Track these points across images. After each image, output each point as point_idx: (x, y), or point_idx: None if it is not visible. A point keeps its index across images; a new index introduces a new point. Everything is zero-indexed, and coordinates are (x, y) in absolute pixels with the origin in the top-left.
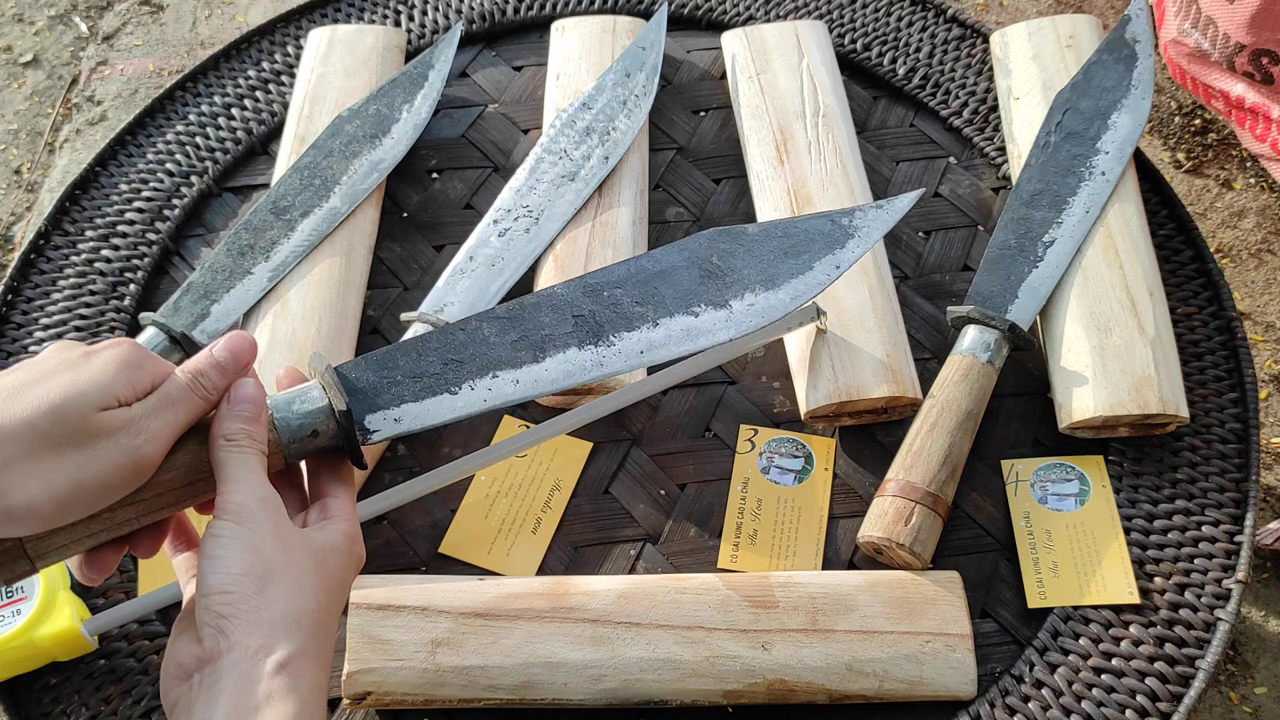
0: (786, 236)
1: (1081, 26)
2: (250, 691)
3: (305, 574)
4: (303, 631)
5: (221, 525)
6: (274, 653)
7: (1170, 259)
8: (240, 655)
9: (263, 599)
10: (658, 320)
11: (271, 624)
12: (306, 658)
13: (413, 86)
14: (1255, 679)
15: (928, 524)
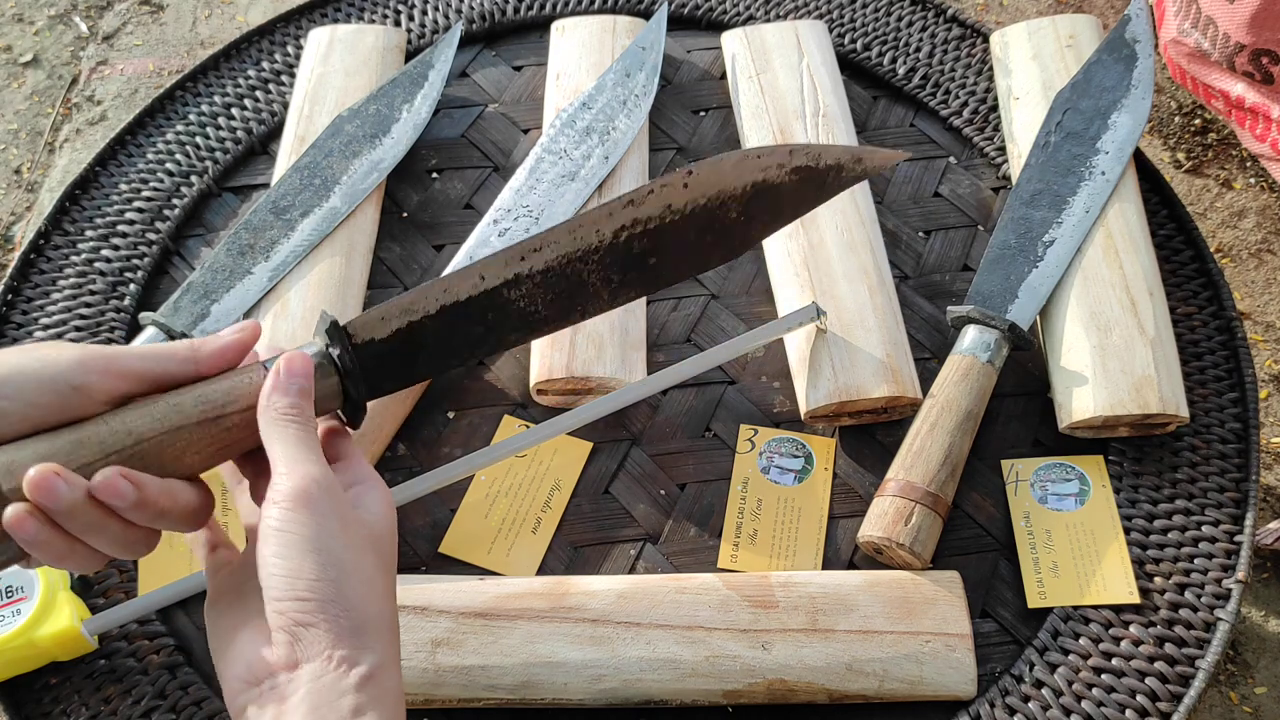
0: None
1: (1081, 26)
2: (336, 705)
3: (375, 572)
4: (383, 640)
5: (284, 516)
6: (359, 665)
7: (1170, 259)
8: (322, 667)
9: (340, 607)
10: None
11: (353, 633)
12: (388, 666)
13: (413, 86)
14: (1255, 679)
15: (928, 524)
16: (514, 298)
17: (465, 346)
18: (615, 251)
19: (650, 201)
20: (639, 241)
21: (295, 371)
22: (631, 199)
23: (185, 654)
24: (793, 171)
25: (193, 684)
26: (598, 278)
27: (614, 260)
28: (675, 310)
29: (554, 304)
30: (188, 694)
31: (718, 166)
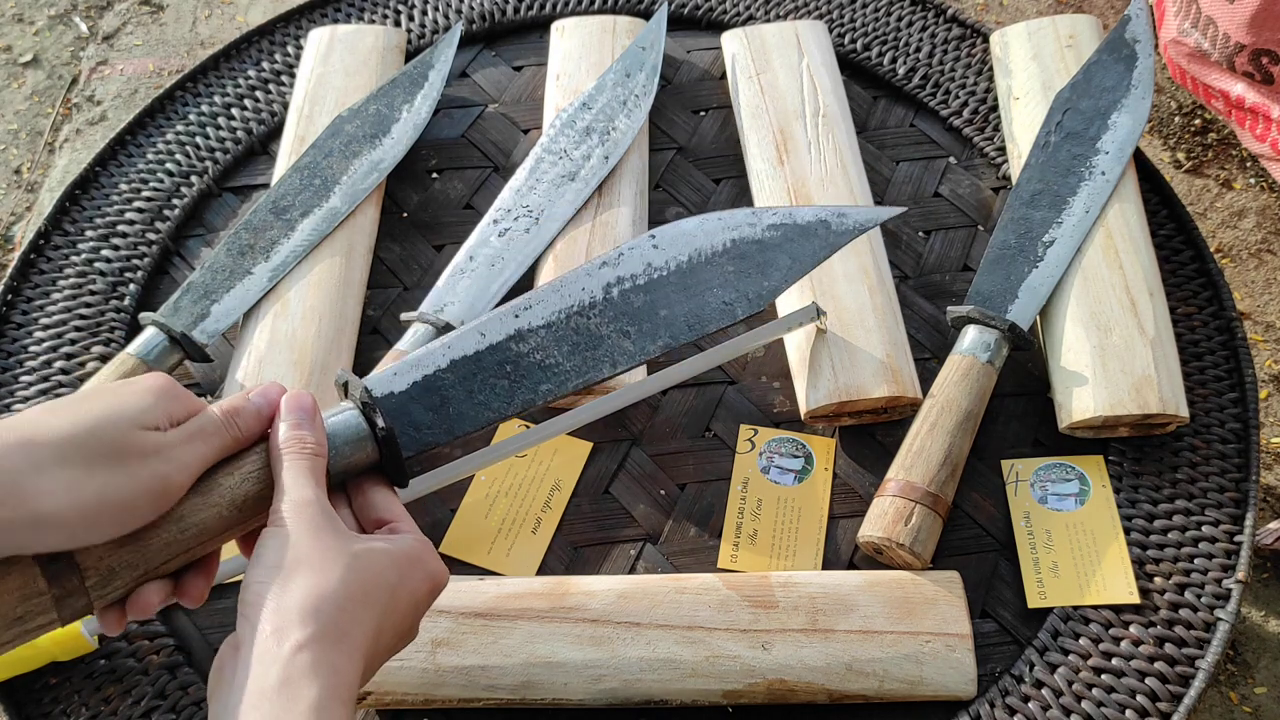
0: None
1: (1081, 26)
2: (267, 672)
3: (333, 564)
4: (320, 617)
5: (265, 532)
6: (290, 635)
7: (1170, 259)
8: (258, 642)
9: (284, 586)
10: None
11: (287, 608)
12: (326, 642)
13: (413, 86)
14: (1255, 679)
15: (928, 524)
16: (524, 350)
17: (496, 398)
18: (613, 305)
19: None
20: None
21: (293, 406)
22: (605, 260)
23: (185, 654)
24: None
25: (193, 684)
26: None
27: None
28: None
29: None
30: (188, 694)
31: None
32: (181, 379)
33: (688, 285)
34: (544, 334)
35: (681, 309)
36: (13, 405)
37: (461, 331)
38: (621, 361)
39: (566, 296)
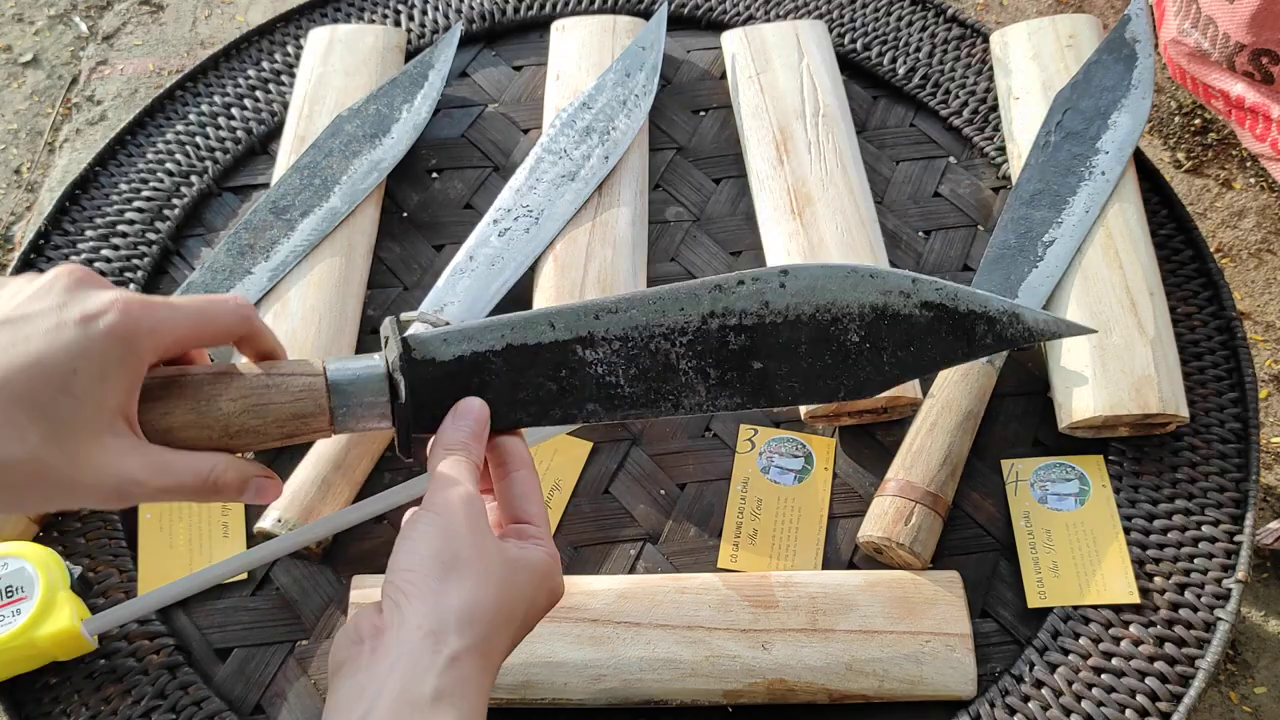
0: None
1: (1081, 26)
2: (422, 679)
3: (490, 575)
4: (475, 629)
5: (421, 514)
6: (445, 642)
7: (1170, 259)
8: (411, 635)
9: (443, 585)
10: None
11: (446, 611)
12: (474, 656)
13: (413, 86)
14: (1255, 679)
15: (928, 524)
16: (590, 360)
17: (537, 402)
18: (706, 340)
19: (741, 292)
20: (734, 336)
21: (462, 415)
22: (719, 284)
23: (185, 654)
24: (924, 306)
25: (193, 684)
26: (690, 366)
27: (707, 350)
28: None
29: (638, 382)
30: (188, 694)
31: (816, 273)
32: None
33: (799, 342)
34: (617, 346)
35: (778, 368)
36: None
37: (529, 315)
38: (684, 406)
39: (658, 312)
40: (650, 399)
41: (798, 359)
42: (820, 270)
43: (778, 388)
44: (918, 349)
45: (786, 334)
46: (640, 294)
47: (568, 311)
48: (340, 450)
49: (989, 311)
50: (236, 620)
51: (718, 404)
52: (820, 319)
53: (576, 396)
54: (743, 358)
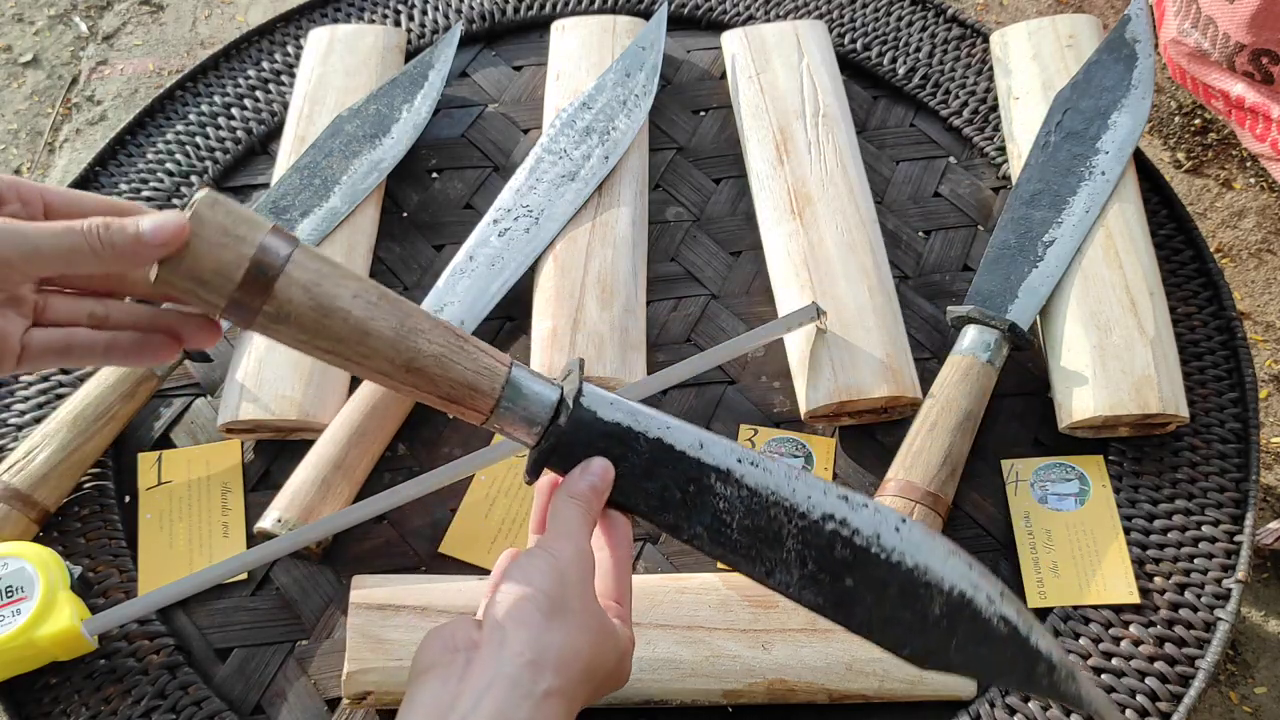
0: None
1: (1081, 26)
2: (519, 705)
3: (588, 631)
4: (569, 674)
5: (540, 552)
6: (543, 675)
7: (1170, 259)
8: (512, 659)
9: (549, 623)
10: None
11: (548, 647)
12: (563, 700)
13: (413, 86)
14: (1255, 679)
15: (928, 524)
16: (719, 492)
17: (659, 499)
18: (818, 535)
19: (864, 514)
20: (841, 547)
21: (591, 471)
22: (848, 496)
23: (185, 654)
24: (1002, 620)
25: (193, 684)
26: (794, 548)
27: (814, 544)
28: (675, 310)
29: (747, 534)
30: (188, 694)
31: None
32: (181, 379)
33: (891, 586)
34: (745, 494)
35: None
36: (13, 405)
37: (687, 427)
38: (775, 578)
39: (790, 488)
40: (749, 554)
41: (884, 599)
42: (929, 536)
43: (857, 610)
44: (985, 653)
45: (884, 573)
46: (783, 465)
47: (719, 443)
48: (340, 450)
49: (1052, 657)
50: (236, 620)
51: (803, 596)
52: (916, 577)
53: (692, 514)
54: (840, 569)
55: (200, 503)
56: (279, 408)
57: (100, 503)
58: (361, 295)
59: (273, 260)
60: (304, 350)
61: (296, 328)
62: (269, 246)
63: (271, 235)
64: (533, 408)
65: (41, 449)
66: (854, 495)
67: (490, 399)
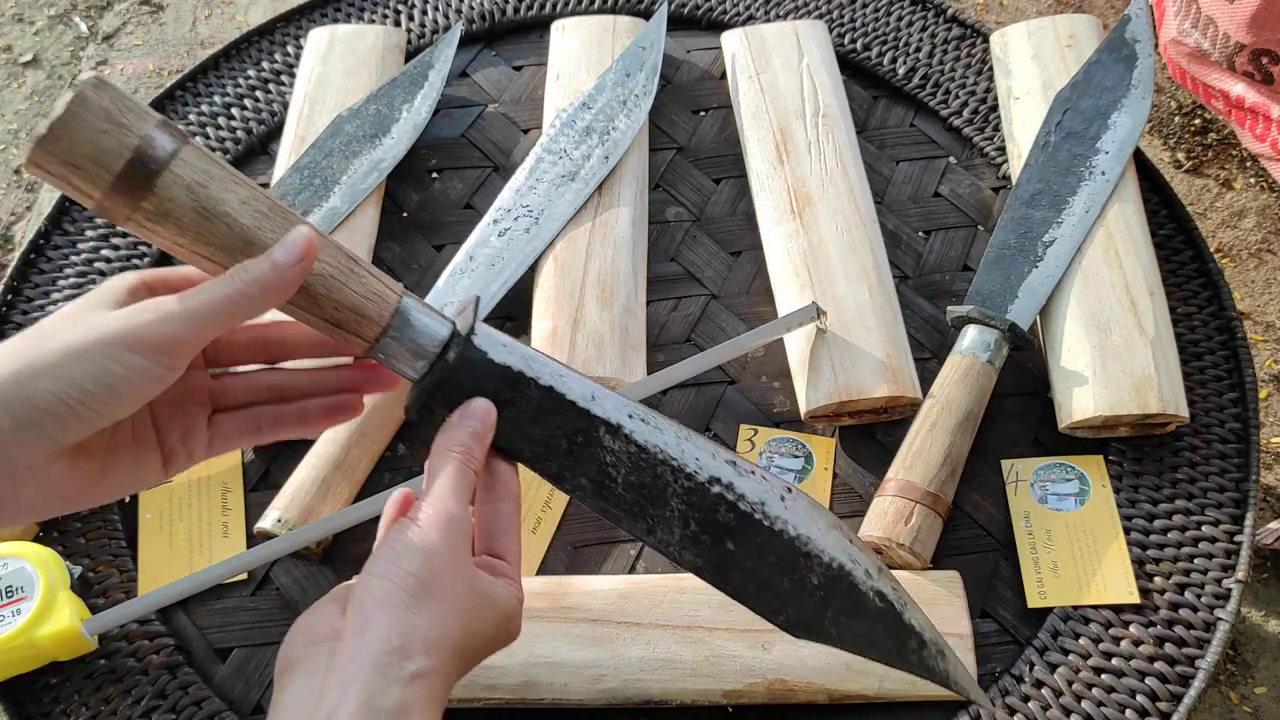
0: None
1: (1081, 26)
2: (385, 690)
3: (461, 607)
4: (438, 655)
5: (408, 526)
6: (411, 659)
7: (1170, 259)
8: (376, 645)
9: (417, 604)
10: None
11: (414, 630)
12: (438, 679)
13: (413, 86)
14: (1255, 679)
15: (928, 524)
16: (606, 445)
17: (544, 447)
18: (703, 497)
19: (751, 481)
20: (725, 511)
21: (471, 414)
22: (736, 462)
23: (185, 654)
24: (877, 594)
25: (193, 684)
26: (678, 507)
27: (698, 506)
28: (675, 310)
29: (631, 490)
30: (188, 694)
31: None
32: None
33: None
34: (633, 450)
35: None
36: None
37: (580, 379)
38: (656, 536)
39: (678, 448)
40: (632, 511)
41: (763, 565)
42: (813, 508)
43: (734, 574)
44: (858, 625)
45: (765, 539)
46: (674, 426)
47: (611, 397)
48: (340, 450)
49: (924, 635)
50: (236, 620)
51: (683, 556)
52: (797, 547)
53: (577, 465)
54: (721, 532)
55: (200, 503)
56: None
57: None
58: (250, 203)
59: (157, 154)
60: (181, 255)
61: (176, 229)
62: (154, 139)
63: (159, 129)
64: (421, 340)
65: None
66: (742, 462)
67: (377, 326)
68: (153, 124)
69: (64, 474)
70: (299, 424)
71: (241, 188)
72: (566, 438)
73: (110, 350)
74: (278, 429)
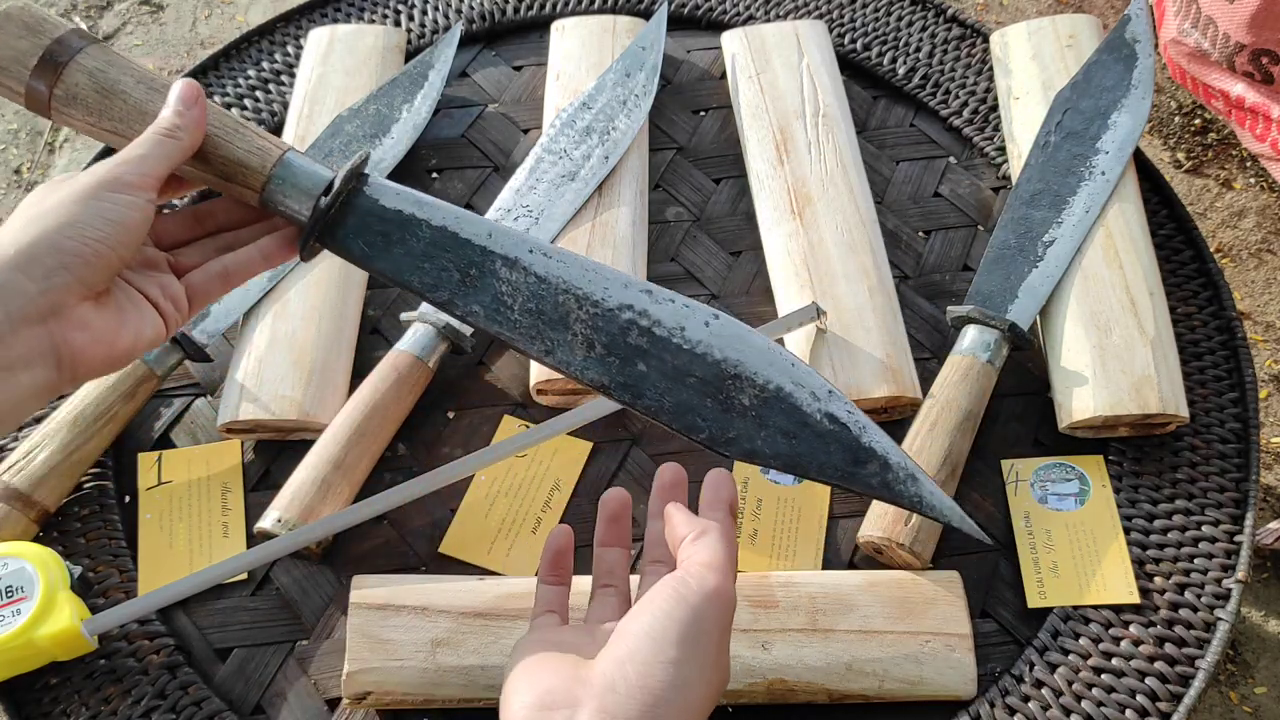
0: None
1: (1081, 26)
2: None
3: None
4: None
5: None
6: None
7: (1170, 259)
8: None
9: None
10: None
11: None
12: None
13: (413, 86)
14: (1255, 679)
15: (928, 524)
16: (502, 277)
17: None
18: (611, 322)
19: (667, 307)
20: (637, 334)
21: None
22: (652, 290)
23: (185, 654)
24: (827, 416)
25: (193, 684)
26: (582, 331)
27: (605, 329)
28: None
29: (528, 316)
30: (188, 694)
31: (747, 337)
32: (181, 379)
33: (691, 374)
34: (532, 281)
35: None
36: None
37: (479, 219)
38: (555, 356)
39: (585, 279)
40: (529, 334)
41: (681, 385)
42: (747, 333)
43: (647, 393)
44: (799, 445)
45: (684, 360)
46: (581, 259)
47: (511, 234)
48: (340, 450)
49: (888, 458)
50: (236, 620)
51: (586, 374)
52: (723, 369)
53: (469, 294)
54: (633, 353)
55: (200, 503)
56: (279, 408)
57: (100, 503)
58: (144, 83)
59: (64, 50)
60: (96, 135)
61: (84, 109)
62: (63, 39)
63: (70, 33)
64: (304, 183)
65: (41, 449)
66: (663, 291)
67: (261, 175)
68: (65, 30)
69: (94, 316)
70: (263, 260)
71: (139, 71)
72: (459, 270)
73: (100, 193)
74: (246, 269)
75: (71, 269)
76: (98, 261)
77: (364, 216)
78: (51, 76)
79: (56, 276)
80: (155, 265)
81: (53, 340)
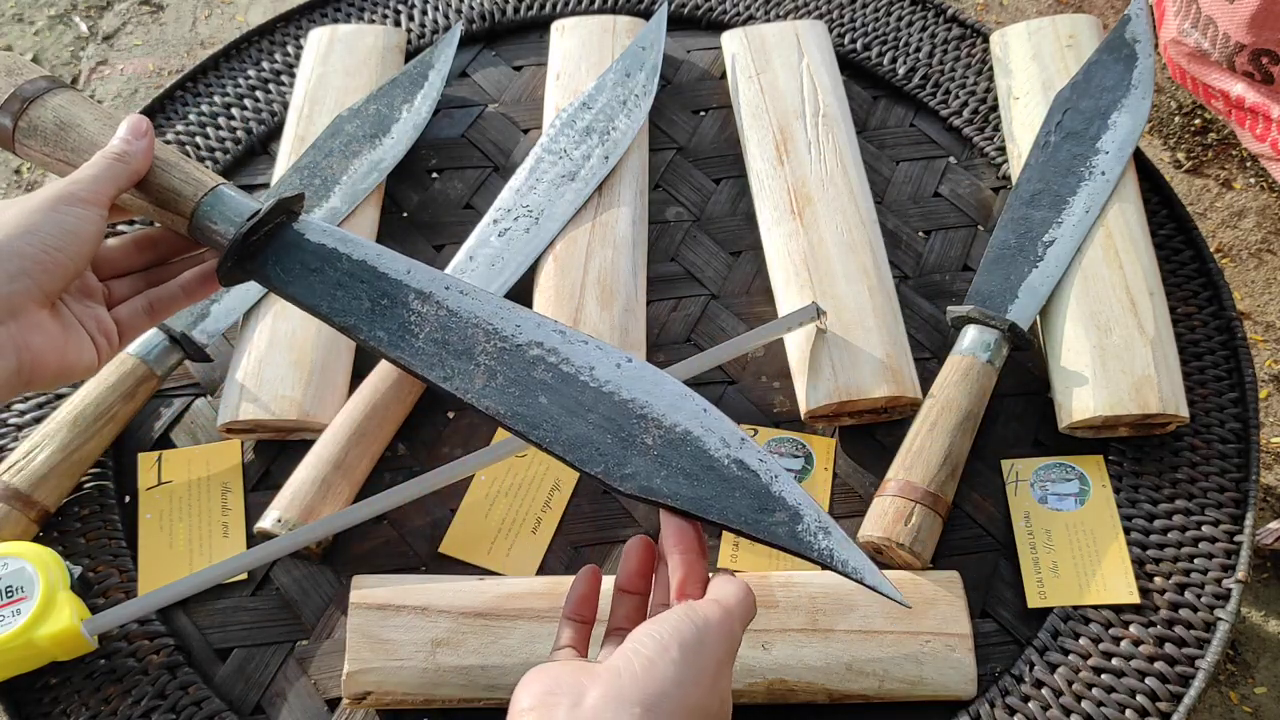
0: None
1: (1081, 26)
2: None
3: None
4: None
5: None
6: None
7: (1170, 259)
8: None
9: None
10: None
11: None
12: None
13: (413, 86)
14: (1255, 679)
15: (928, 524)
16: (413, 309)
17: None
18: (518, 357)
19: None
20: (543, 370)
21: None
22: (565, 331)
23: (185, 654)
24: (737, 463)
25: (193, 684)
26: (486, 360)
27: (511, 362)
28: (675, 310)
29: (432, 345)
30: (188, 694)
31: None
32: (181, 379)
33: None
34: (444, 315)
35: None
36: (13, 405)
37: (399, 257)
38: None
39: (499, 316)
40: (429, 362)
41: (580, 420)
42: (661, 378)
43: (543, 425)
44: (701, 488)
45: (588, 398)
46: (501, 300)
47: (431, 273)
48: (340, 450)
49: (800, 509)
50: (236, 620)
51: (482, 401)
52: (629, 408)
53: (375, 321)
54: (535, 387)
55: (200, 503)
56: (279, 408)
57: (100, 503)
58: (100, 119)
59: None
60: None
61: (41, 140)
62: (34, 82)
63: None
64: (231, 213)
65: (41, 449)
66: (578, 334)
67: (191, 202)
68: (36, 76)
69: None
70: (184, 295)
71: (97, 111)
72: (370, 299)
73: (58, 206)
74: (170, 304)
75: (31, 274)
76: (55, 269)
77: (286, 246)
78: (17, 111)
79: (18, 281)
80: (92, 295)
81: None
